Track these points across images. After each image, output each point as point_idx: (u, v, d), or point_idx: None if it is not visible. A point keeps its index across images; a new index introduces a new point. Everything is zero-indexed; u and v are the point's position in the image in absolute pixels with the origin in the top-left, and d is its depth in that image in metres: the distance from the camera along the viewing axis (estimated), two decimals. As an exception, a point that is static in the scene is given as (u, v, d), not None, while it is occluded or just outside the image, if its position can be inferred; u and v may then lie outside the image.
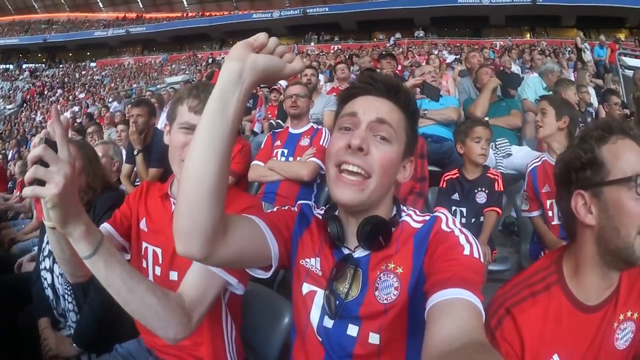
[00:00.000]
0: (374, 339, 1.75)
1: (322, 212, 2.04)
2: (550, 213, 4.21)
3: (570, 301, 1.76)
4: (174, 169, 2.25)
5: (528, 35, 41.09)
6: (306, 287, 1.92)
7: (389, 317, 1.72)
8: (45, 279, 3.11)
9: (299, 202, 2.12)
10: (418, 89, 6.11)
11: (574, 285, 1.78)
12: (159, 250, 2.31)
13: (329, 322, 1.84)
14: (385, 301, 1.73)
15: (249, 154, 5.20)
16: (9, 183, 11.44)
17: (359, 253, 1.83)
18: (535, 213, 4.30)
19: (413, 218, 1.86)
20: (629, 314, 1.81)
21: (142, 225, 2.39)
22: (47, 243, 3.12)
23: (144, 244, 2.37)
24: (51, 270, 3.08)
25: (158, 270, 2.32)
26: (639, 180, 1.61)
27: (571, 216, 1.77)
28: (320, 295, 1.87)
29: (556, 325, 1.73)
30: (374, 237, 1.76)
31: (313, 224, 2.02)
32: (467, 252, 1.59)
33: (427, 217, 1.82)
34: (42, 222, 3.32)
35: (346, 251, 1.86)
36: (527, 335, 1.71)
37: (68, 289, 2.99)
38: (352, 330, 1.79)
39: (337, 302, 1.80)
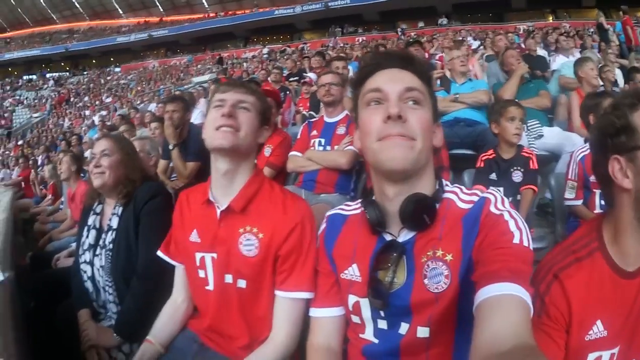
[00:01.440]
0: (422, 332, 1.73)
1: (358, 206, 2.04)
2: (596, 201, 4.21)
3: (611, 267, 1.78)
4: (208, 142, 2.31)
5: (550, 18, 40.51)
6: (351, 299, 1.90)
7: (439, 307, 1.69)
8: (85, 272, 3.15)
9: (327, 214, 2.15)
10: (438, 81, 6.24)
11: (614, 251, 1.79)
12: (215, 255, 2.34)
13: (383, 324, 1.83)
14: (436, 290, 1.69)
15: (289, 147, 5.21)
16: (41, 186, 11.84)
17: (403, 237, 1.79)
18: (580, 201, 4.29)
19: (459, 197, 1.81)
20: None
21: (194, 237, 2.42)
22: (87, 237, 3.19)
23: (199, 255, 2.39)
24: (91, 263, 3.13)
25: (214, 276, 2.37)
26: None
27: (609, 182, 1.79)
28: (365, 303, 1.85)
29: (599, 291, 1.76)
30: (419, 215, 1.72)
31: (345, 227, 2.03)
32: (517, 240, 1.58)
33: (475, 198, 1.78)
34: (80, 217, 3.38)
35: (388, 237, 1.83)
36: (574, 300, 1.74)
37: (109, 280, 3.04)
38: (403, 328, 1.78)
39: (382, 291, 1.76)
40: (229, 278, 2.31)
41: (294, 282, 2.20)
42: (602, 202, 4.05)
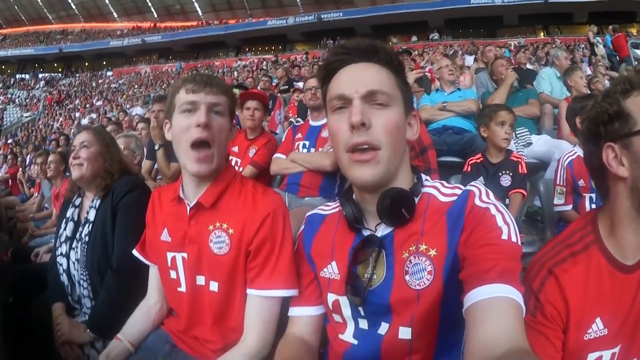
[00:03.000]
0: (404, 333, 1.68)
1: (336, 205, 2.03)
2: (586, 205, 4.24)
3: (609, 261, 1.74)
4: (181, 157, 2.22)
5: (542, 34, 40.94)
6: (331, 298, 1.88)
7: (421, 306, 1.64)
8: (61, 264, 3.11)
9: (306, 215, 2.14)
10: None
11: (611, 244, 1.75)
12: (185, 255, 2.28)
13: (364, 323, 1.79)
14: (417, 287, 1.65)
15: (274, 149, 5.20)
16: (28, 183, 11.90)
17: (382, 231, 1.77)
18: (570, 206, 4.30)
19: (440, 191, 1.78)
20: None
21: (165, 236, 2.37)
22: (65, 229, 3.17)
23: (170, 254, 2.34)
24: (67, 256, 3.08)
25: (186, 277, 2.31)
26: None
27: (603, 172, 1.76)
28: (344, 302, 1.82)
29: (598, 286, 1.72)
30: (397, 209, 1.69)
31: (323, 226, 2.02)
32: (505, 235, 1.55)
33: (458, 191, 1.74)
34: (60, 210, 3.36)
35: (367, 232, 1.81)
36: (571, 296, 1.69)
37: (84, 274, 2.99)
38: (383, 328, 1.74)
39: (360, 287, 1.74)
40: (200, 280, 2.26)
41: (266, 280, 2.12)
42: (593, 206, 4.07)
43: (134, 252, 2.56)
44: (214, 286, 2.22)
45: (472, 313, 1.42)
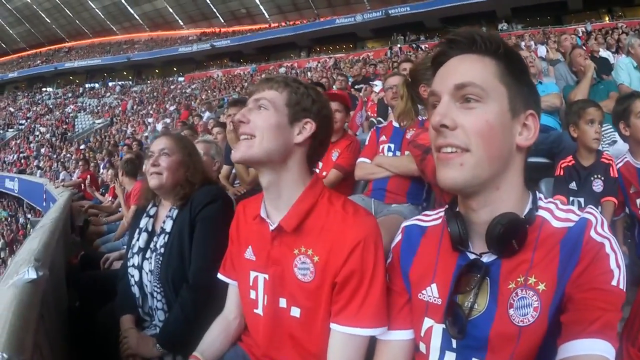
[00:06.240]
0: None
1: (438, 216, 1.84)
2: None
3: None
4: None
5: (607, 18, 39.81)
6: (427, 323, 1.68)
7: (521, 344, 1.47)
8: (133, 276, 3.05)
9: (402, 226, 1.94)
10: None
11: None
12: (267, 277, 2.12)
13: (451, 356, 1.61)
14: (520, 323, 1.48)
15: (357, 150, 5.05)
16: (101, 189, 12.31)
17: (488, 257, 1.57)
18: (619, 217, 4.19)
19: (554, 214, 1.56)
20: None
21: (249, 254, 2.22)
22: (137, 240, 3.10)
23: (253, 274, 2.19)
24: (140, 268, 3.02)
25: (266, 299, 2.14)
26: None
27: None
28: (437, 330, 1.64)
29: None
30: (507, 240, 1.50)
31: (424, 241, 1.81)
32: (615, 281, 1.39)
33: (573, 217, 1.53)
34: (133, 220, 3.36)
35: (472, 256, 1.61)
36: None
37: (158, 286, 2.92)
38: None
39: (461, 318, 1.56)
40: (283, 302, 2.09)
41: (352, 316, 1.90)
42: None
43: (219, 275, 2.43)
44: (295, 312, 2.05)
45: None
